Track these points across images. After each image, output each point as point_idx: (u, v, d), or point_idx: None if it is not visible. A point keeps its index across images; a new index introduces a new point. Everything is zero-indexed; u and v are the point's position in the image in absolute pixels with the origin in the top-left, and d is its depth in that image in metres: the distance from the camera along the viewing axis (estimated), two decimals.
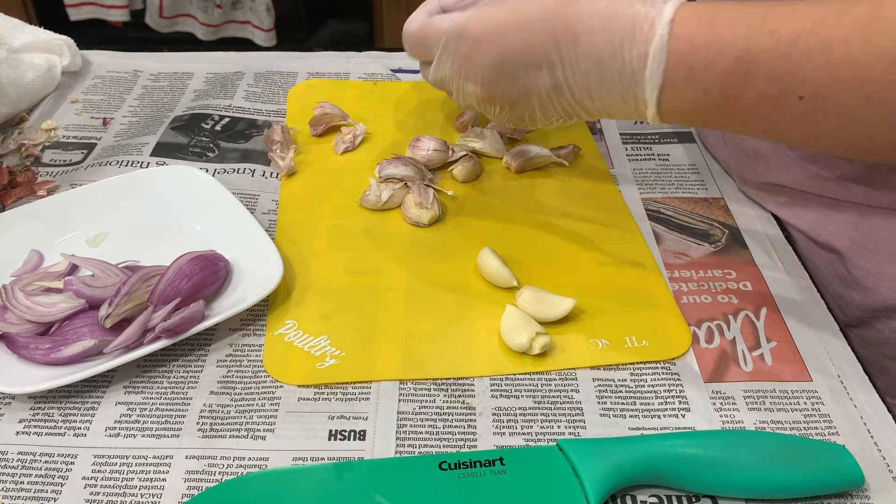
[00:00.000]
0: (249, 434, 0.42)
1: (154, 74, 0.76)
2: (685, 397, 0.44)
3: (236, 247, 0.51)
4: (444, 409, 0.44)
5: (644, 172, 0.63)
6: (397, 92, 0.72)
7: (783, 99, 0.39)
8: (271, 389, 0.45)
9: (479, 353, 0.47)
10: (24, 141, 0.65)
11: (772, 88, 0.39)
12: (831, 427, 0.43)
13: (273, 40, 2.07)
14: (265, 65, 0.77)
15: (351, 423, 0.43)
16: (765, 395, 0.45)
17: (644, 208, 0.59)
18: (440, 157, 0.61)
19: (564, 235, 0.56)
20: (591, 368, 0.46)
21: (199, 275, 0.48)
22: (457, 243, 0.54)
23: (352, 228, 0.56)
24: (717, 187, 0.61)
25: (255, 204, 0.59)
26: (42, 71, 0.69)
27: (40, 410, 0.43)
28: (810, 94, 0.38)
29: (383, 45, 2.05)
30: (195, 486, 0.40)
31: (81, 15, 2.03)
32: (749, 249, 0.55)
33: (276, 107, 0.71)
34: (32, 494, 0.39)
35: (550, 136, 0.66)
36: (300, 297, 0.50)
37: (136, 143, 0.65)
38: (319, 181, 0.61)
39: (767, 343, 0.48)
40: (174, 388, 0.45)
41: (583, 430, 0.43)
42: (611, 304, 0.50)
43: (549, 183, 0.61)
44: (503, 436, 0.42)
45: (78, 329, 0.45)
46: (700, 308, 0.50)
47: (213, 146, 0.65)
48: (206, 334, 0.48)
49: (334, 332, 0.48)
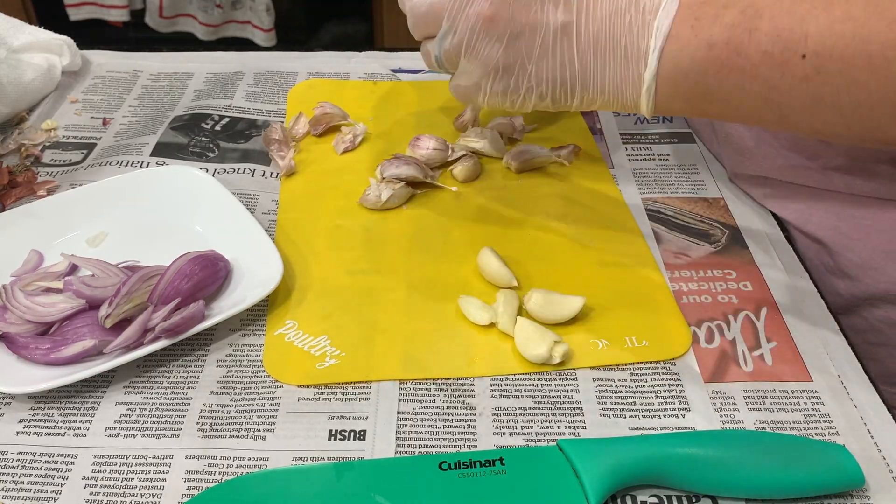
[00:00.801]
0: (249, 434, 0.42)
1: (154, 74, 0.76)
2: (685, 397, 0.44)
3: (236, 247, 0.51)
4: (444, 409, 0.44)
5: (644, 172, 0.63)
6: (397, 92, 0.72)
7: (785, 56, 0.39)
8: (271, 389, 0.45)
9: (479, 353, 0.47)
10: (24, 141, 0.65)
11: (774, 45, 0.39)
12: (831, 427, 0.43)
13: (273, 40, 2.07)
14: (265, 65, 0.77)
15: (351, 423, 0.43)
16: (765, 395, 0.45)
17: (644, 208, 0.59)
18: (440, 156, 0.61)
19: (564, 235, 0.56)
20: (592, 368, 0.46)
21: (199, 275, 0.48)
22: (457, 243, 0.54)
23: (352, 228, 0.56)
24: (717, 187, 0.61)
25: (255, 204, 0.59)
26: (42, 71, 0.69)
27: (40, 410, 0.43)
28: (812, 52, 0.38)
29: (383, 45, 2.05)
30: (195, 486, 0.40)
31: (81, 15, 2.03)
32: (749, 249, 0.55)
33: (276, 107, 0.71)
34: (32, 494, 0.39)
35: (551, 137, 0.66)
36: (300, 297, 0.50)
37: (136, 143, 0.65)
38: (319, 181, 0.61)
39: (767, 343, 0.48)
40: (174, 388, 0.45)
41: (583, 430, 0.43)
42: (611, 304, 0.50)
43: (549, 183, 0.61)
44: (503, 436, 0.42)
45: (78, 329, 0.45)
46: (700, 308, 0.50)
47: (213, 146, 0.65)
48: (206, 334, 0.48)
49: (334, 332, 0.48)
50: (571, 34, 0.43)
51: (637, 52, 0.42)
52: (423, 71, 0.76)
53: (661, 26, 0.41)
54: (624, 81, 0.43)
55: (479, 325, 0.48)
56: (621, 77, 0.43)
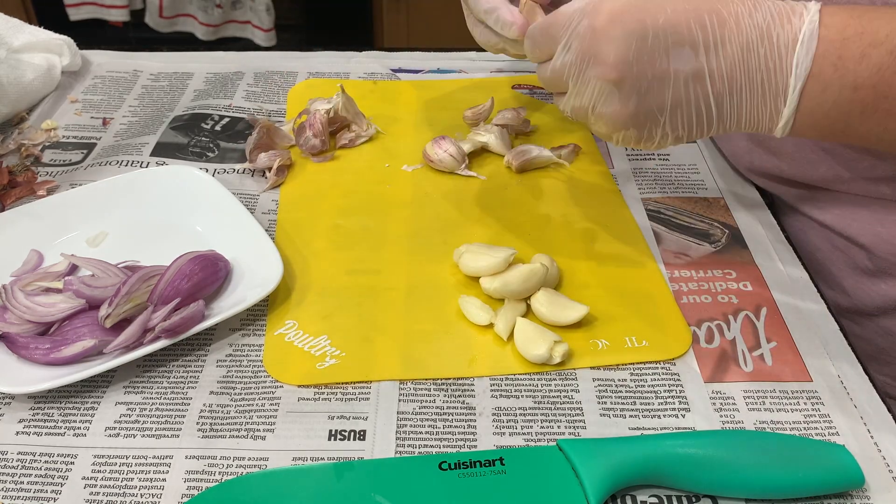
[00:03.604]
0: (249, 434, 0.42)
1: (154, 74, 0.76)
2: (685, 397, 0.44)
3: (236, 247, 0.51)
4: (444, 409, 0.44)
5: (644, 172, 0.63)
6: (397, 91, 0.72)
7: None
8: (271, 389, 0.45)
9: (479, 353, 0.47)
10: (24, 141, 0.65)
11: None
12: (831, 427, 0.43)
13: (273, 40, 2.07)
14: (265, 65, 0.77)
15: (351, 423, 0.43)
16: (765, 396, 0.45)
17: (644, 208, 0.59)
18: (452, 163, 0.61)
19: (564, 235, 0.56)
20: (591, 368, 0.46)
21: (199, 275, 0.48)
22: (457, 243, 0.54)
23: (352, 228, 0.56)
24: (718, 187, 0.61)
25: (255, 204, 0.59)
26: (42, 71, 0.69)
27: (40, 410, 0.43)
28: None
29: (383, 45, 2.05)
30: (195, 486, 0.40)
31: (81, 15, 2.03)
32: (749, 249, 0.55)
33: (276, 107, 0.71)
34: (32, 494, 0.39)
35: (551, 137, 0.66)
36: (300, 297, 0.50)
37: (136, 143, 0.65)
38: (319, 181, 0.61)
39: (767, 343, 0.48)
40: (174, 388, 0.45)
41: (583, 430, 0.43)
42: (611, 304, 0.50)
43: (549, 183, 0.61)
44: (503, 436, 0.42)
45: (78, 329, 0.45)
46: (700, 308, 0.50)
47: (213, 146, 0.65)
48: (206, 334, 0.48)
49: (334, 332, 0.48)
50: (704, 79, 0.41)
51: (776, 89, 0.41)
52: (423, 71, 0.76)
53: (801, 63, 0.39)
54: (761, 115, 0.42)
55: (479, 325, 0.48)
56: (759, 112, 0.42)
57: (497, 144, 0.63)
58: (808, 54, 0.39)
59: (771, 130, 0.43)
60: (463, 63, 0.77)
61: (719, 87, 0.41)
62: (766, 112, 0.42)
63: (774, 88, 0.41)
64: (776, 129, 0.42)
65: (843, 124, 0.41)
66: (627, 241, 0.55)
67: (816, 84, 0.40)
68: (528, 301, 0.49)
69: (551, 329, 0.47)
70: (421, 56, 0.79)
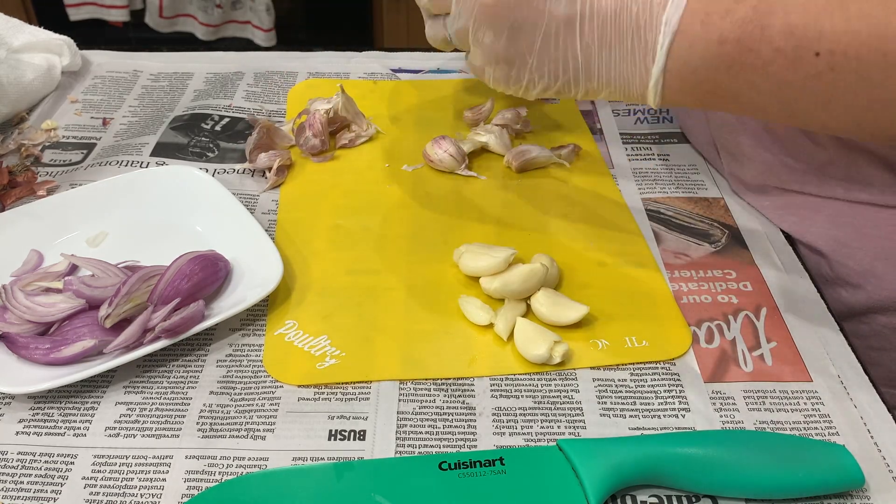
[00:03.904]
0: (249, 434, 0.42)
1: (154, 74, 0.76)
2: (685, 397, 0.44)
3: (236, 247, 0.51)
4: (444, 409, 0.44)
5: (644, 172, 0.63)
6: (397, 91, 0.72)
7: (798, 53, 0.38)
8: (271, 389, 0.45)
9: (479, 353, 0.47)
10: (24, 141, 0.65)
11: (787, 41, 0.38)
12: (831, 427, 0.43)
13: (273, 40, 2.07)
14: (265, 65, 0.77)
15: (351, 423, 0.43)
16: (765, 396, 0.45)
17: (644, 208, 0.59)
18: (452, 163, 0.61)
19: (564, 235, 0.56)
20: (591, 368, 0.46)
21: (199, 275, 0.48)
22: (457, 243, 0.54)
23: (352, 228, 0.56)
24: (717, 187, 0.61)
25: (255, 204, 0.59)
26: (42, 71, 0.69)
27: (40, 410, 0.43)
28: (826, 49, 0.37)
29: (383, 45, 2.05)
30: (195, 486, 0.40)
31: (81, 15, 2.03)
32: (749, 249, 0.55)
33: (276, 107, 0.71)
34: (32, 494, 0.39)
35: (551, 137, 0.66)
36: (300, 297, 0.50)
37: (136, 143, 0.65)
38: (319, 181, 0.61)
39: (767, 343, 0.48)
40: (174, 388, 0.45)
41: (583, 430, 0.43)
42: (611, 305, 0.50)
43: (549, 183, 0.61)
44: (503, 436, 0.42)
45: (78, 329, 0.45)
46: (700, 308, 0.50)
47: (213, 146, 0.65)
48: (206, 334, 0.48)
49: (334, 332, 0.48)
50: (575, 28, 0.42)
51: (644, 47, 0.41)
52: (422, 71, 0.76)
53: (669, 21, 0.40)
54: (630, 75, 0.43)
55: (479, 325, 0.48)
56: (628, 71, 0.43)
57: (497, 144, 0.63)
58: (677, 12, 0.40)
59: (644, 96, 0.43)
60: (463, 63, 0.77)
61: (588, 39, 0.42)
62: (636, 73, 0.42)
63: (643, 47, 0.41)
64: (648, 91, 0.43)
65: (713, 84, 0.41)
66: (627, 241, 0.55)
67: (684, 39, 0.40)
68: (528, 301, 0.49)
69: (551, 329, 0.47)
70: (421, 56, 0.79)
